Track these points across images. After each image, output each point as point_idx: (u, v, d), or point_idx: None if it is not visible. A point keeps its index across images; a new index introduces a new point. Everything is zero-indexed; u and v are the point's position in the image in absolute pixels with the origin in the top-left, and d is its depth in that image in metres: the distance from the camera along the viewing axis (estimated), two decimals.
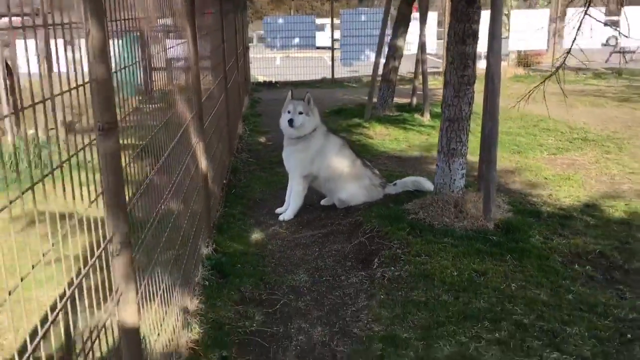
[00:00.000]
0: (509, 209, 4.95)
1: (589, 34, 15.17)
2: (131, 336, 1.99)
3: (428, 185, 5.24)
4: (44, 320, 1.43)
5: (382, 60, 9.40)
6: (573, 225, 4.69)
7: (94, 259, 1.74)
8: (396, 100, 10.04)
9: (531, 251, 4.11)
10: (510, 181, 6.08)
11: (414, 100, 10.02)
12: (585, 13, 4.35)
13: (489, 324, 3.26)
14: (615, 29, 11.44)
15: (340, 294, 3.77)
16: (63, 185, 1.54)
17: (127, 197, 1.96)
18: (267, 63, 16.06)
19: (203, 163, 4.14)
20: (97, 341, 1.73)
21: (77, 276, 1.61)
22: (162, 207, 2.70)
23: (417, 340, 3.12)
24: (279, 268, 4.18)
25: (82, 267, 1.66)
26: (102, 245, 1.81)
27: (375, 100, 9.44)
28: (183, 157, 3.44)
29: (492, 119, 4.35)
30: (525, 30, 14.82)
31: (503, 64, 16.72)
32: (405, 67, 13.17)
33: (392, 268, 3.95)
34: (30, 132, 5.99)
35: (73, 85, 1.65)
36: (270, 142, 7.91)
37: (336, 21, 15.12)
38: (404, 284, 3.75)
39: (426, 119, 9.01)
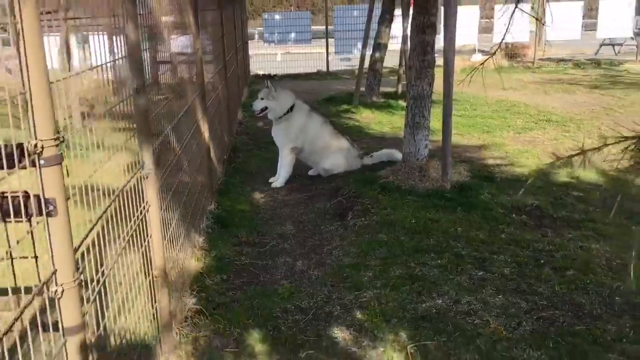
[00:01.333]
0: (468, 175, 5.80)
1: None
2: (156, 236, 2.84)
3: (399, 155, 6.09)
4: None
5: (369, 52, 10.23)
6: (519, 187, 5.53)
7: (130, 178, 2.58)
8: (383, 89, 10.88)
9: (478, 205, 4.97)
10: (476, 155, 6.91)
11: (400, 88, 10.83)
12: (516, 7, 5.11)
13: (434, 255, 4.11)
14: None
15: (319, 238, 4.63)
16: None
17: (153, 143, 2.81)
18: (269, 58, 16.95)
19: (206, 134, 4.98)
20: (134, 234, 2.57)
21: (122, 189, 2.45)
22: (175, 159, 3.54)
23: (376, 267, 3.97)
24: (269, 221, 5.04)
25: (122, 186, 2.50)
26: (136, 171, 2.65)
27: (363, 89, 10.28)
28: (190, 125, 4.29)
29: (447, 97, 5.18)
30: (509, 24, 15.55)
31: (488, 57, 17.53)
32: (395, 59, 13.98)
33: (363, 219, 4.81)
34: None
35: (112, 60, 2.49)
36: (266, 127, 8.71)
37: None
38: (371, 229, 4.60)
39: None
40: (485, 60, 4.69)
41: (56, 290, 1.58)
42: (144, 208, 2.66)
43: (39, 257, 1.69)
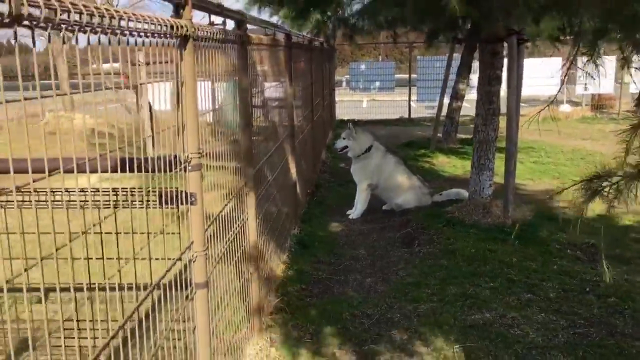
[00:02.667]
0: (531, 214, 6.26)
1: None
2: (253, 244, 3.60)
3: (466, 194, 6.63)
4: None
5: (447, 101, 10.88)
6: (580, 228, 5.91)
7: (237, 191, 3.37)
8: (460, 135, 11.42)
9: (536, 239, 5.43)
10: (544, 197, 7.31)
11: None
12: (571, 63, 5.60)
13: (488, 279, 4.63)
14: None
15: (387, 261, 5.26)
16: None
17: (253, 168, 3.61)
18: (355, 105, 18.01)
19: (293, 169, 5.80)
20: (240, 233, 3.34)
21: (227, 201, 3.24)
22: (269, 185, 4.35)
23: (434, 286, 4.55)
24: (344, 245, 5.73)
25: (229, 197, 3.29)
26: (239, 186, 3.44)
27: (440, 135, 10.89)
28: (281, 159, 5.11)
29: (510, 141, 5.74)
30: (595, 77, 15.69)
31: (577, 107, 17.65)
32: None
33: (427, 247, 5.40)
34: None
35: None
36: (347, 167, 9.47)
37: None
38: (434, 256, 5.18)
39: None
40: (541, 110, 5.20)
41: (192, 255, 2.35)
42: (245, 215, 3.45)
43: (180, 233, 2.48)
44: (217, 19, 2.91)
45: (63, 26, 1.25)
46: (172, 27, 1.96)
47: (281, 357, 3.57)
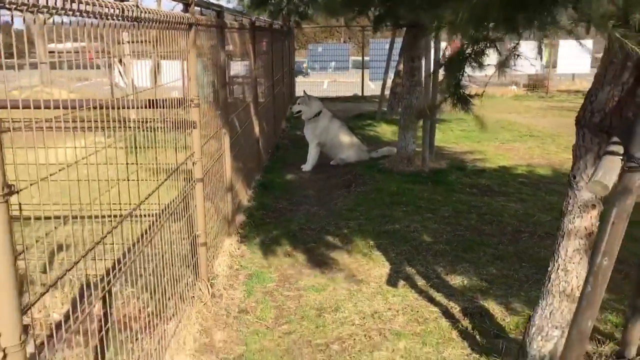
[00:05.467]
0: (446, 165, 7.89)
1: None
2: (228, 171, 5.06)
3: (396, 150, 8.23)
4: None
5: (391, 78, 12.46)
6: (482, 175, 7.58)
7: (217, 130, 4.81)
8: None
9: (445, 181, 7.06)
10: (460, 156, 8.96)
11: None
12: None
13: (403, 206, 6.21)
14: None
15: (330, 197, 6.80)
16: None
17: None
18: (316, 86, 19.52)
19: (257, 128, 7.26)
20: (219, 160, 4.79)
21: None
22: (238, 135, 5.80)
23: (362, 210, 6.10)
24: (297, 188, 7.25)
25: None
26: (218, 127, 4.88)
27: (385, 109, 12.48)
28: (247, 118, 6.57)
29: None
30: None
31: (512, 87, 19.47)
32: None
33: (362, 187, 6.97)
34: None
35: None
36: (303, 134, 10.99)
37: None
38: (365, 193, 6.74)
39: None
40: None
41: (194, 160, 3.82)
42: (222, 149, 4.92)
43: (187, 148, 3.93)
44: (205, 11, 4.35)
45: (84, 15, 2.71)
46: (184, 19, 3.43)
47: (248, 250, 5.07)
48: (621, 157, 2.25)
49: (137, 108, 3.10)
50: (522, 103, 15.74)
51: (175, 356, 3.18)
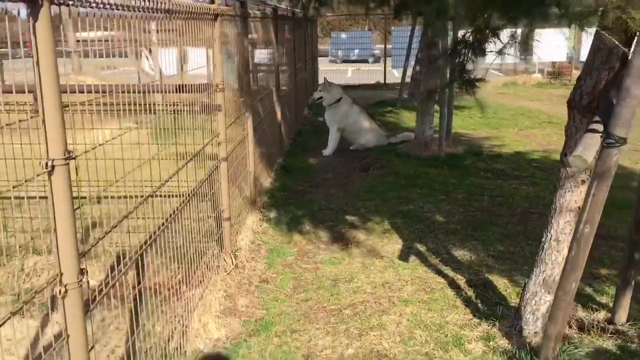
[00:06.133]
0: (463, 151, 8.11)
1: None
2: (251, 153, 5.38)
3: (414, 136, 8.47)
4: None
5: (412, 65, 12.64)
6: (497, 160, 7.78)
7: (238, 116, 5.12)
8: None
9: (460, 166, 7.29)
10: (478, 141, 9.15)
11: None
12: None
13: (418, 188, 6.48)
14: None
15: (348, 180, 7.09)
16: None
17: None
18: (340, 74, 19.77)
19: (278, 114, 7.57)
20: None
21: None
22: (261, 120, 6.11)
23: (379, 192, 6.38)
24: (318, 171, 7.55)
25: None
26: (241, 112, 5.20)
27: (406, 96, 12.68)
28: (270, 103, 6.88)
29: (444, 94, 7.54)
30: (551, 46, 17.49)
31: (535, 75, 19.45)
32: None
33: (379, 171, 7.24)
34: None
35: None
36: (324, 121, 11.28)
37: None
38: (382, 176, 7.02)
39: None
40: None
41: (220, 140, 4.14)
42: (245, 132, 5.24)
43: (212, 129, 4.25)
44: (230, 1, 4.65)
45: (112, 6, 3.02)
46: (210, 9, 3.73)
47: (269, 227, 5.40)
48: (601, 135, 2.50)
49: (167, 92, 3.42)
50: (545, 91, 15.78)
51: (202, 317, 3.51)
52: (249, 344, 3.39)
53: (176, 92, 3.70)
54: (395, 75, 18.98)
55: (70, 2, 1.80)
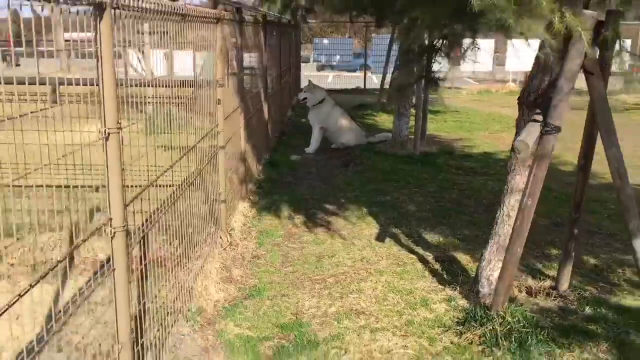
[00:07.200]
0: (436, 150, 8.73)
1: None
2: (243, 144, 5.90)
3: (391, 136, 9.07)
4: None
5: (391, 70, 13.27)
6: (468, 159, 8.41)
7: (234, 109, 5.64)
8: None
9: (433, 163, 7.90)
10: (451, 142, 9.78)
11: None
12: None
13: (394, 182, 7.05)
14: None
15: (330, 175, 7.64)
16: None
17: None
18: (321, 79, 20.37)
19: (266, 112, 8.09)
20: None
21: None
22: (251, 116, 6.63)
23: (358, 185, 6.95)
24: (302, 167, 8.09)
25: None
26: (234, 110, 5.71)
27: (385, 100, 13.31)
28: (258, 102, 7.40)
29: (419, 99, 8.14)
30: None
31: (509, 83, 20.24)
32: None
33: (359, 167, 7.81)
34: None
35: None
36: (307, 121, 11.84)
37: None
38: (361, 171, 7.58)
39: None
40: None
41: (218, 129, 4.65)
42: (238, 126, 5.76)
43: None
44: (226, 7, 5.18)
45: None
46: (214, 15, 4.27)
47: (258, 213, 5.91)
48: (540, 124, 3.08)
49: (176, 87, 3.93)
50: (516, 98, 16.51)
51: (204, 281, 4.02)
52: (245, 304, 3.91)
53: (182, 87, 4.20)
54: (374, 81, 19.63)
55: (125, 7, 2.33)
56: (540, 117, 3.12)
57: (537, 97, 3.42)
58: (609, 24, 3.00)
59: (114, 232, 2.37)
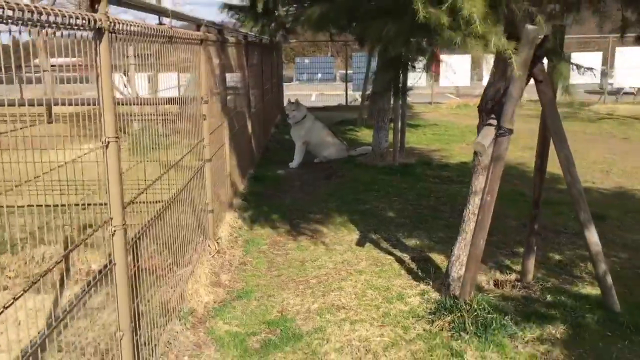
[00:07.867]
0: (415, 161, 9.09)
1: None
2: (227, 159, 6.20)
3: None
4: None
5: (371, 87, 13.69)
6: (445, 169, 8.77)
7: (219, 124, 5.94)
8: None
9: (412, 173, 8.25)
10: (429, 153, 10.16)
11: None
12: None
13: (374, 192, 7.38)
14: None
15: (313, 187, 7.96)
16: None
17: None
18: (304, 98, 20.79)
19: (250, 128, 8.41)
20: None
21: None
22: (236, 132, 6.94)
23: (340, 196, 7.26)
24: (285, 180, 8.40)
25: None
26: (219, 126, 6.02)
27: (365, 116, 13.71)
28: (242, 119, 7.72)
29: (397, 113, 8.51)
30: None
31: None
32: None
33: (340, 179, 8.14)
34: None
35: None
36: (290, 138, 12.18)
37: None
38: (343, 183, 7.91)
39: None
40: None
41: (204, 143, 4.96)
42: (222, 140, 6.07)
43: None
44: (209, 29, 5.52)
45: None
46: (198, 37, 4.60)
47: (244, 223, 6.20)
48: (495, 127, 3.43)
49: (160, 105, 4.24)
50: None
51: (194, 285, 4.30)
52: (233, 305, 4.19)
53: (168, 104, 4.51)
54: (357, 98, 20.10)
55: (119, 32, 2.65)
56: (495, 122, 3.46)
57: (493, 104, 3.77)
58: (552, 37, 3.37)
59: (114, 230, 2.65)
